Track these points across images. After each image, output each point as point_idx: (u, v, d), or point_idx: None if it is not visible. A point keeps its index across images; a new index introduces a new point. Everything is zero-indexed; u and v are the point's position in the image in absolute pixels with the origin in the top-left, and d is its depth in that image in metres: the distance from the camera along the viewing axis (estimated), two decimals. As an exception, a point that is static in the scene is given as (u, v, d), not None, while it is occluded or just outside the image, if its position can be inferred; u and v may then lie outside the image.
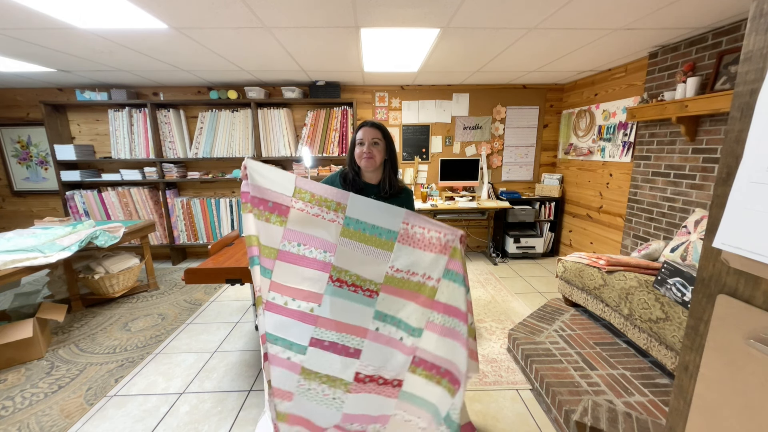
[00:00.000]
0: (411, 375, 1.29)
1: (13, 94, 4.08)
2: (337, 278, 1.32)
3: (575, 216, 4.11)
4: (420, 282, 1.29)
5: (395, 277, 1.30)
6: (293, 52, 2.83)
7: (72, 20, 2.09)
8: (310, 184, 1.31)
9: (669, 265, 1.92)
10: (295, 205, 1.31)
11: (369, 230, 1.30)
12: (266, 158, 4.06)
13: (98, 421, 1.80)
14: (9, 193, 4.35)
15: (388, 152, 1.51)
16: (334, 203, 1.30)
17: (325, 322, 1.33)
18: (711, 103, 2.15)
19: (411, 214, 1.29)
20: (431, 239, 1.27)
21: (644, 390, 1.72)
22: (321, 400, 1.33)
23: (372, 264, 1.31)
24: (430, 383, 1.26)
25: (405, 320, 1.30)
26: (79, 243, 2.64)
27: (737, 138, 0.60)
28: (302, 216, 1.32)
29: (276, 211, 1.33)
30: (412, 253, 1.29)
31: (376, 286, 1.32)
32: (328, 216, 1.30)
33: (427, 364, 1.26)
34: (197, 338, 2.59)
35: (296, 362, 1.33)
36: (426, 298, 1.28)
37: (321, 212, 1.30)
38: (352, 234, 1.30)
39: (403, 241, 1.29)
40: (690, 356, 0.70)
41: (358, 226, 1.30)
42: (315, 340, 1.33)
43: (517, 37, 2.49)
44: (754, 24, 0.58)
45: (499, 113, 4.32)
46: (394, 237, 1.29)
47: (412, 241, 1.29)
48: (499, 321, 2.78)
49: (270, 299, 1.34)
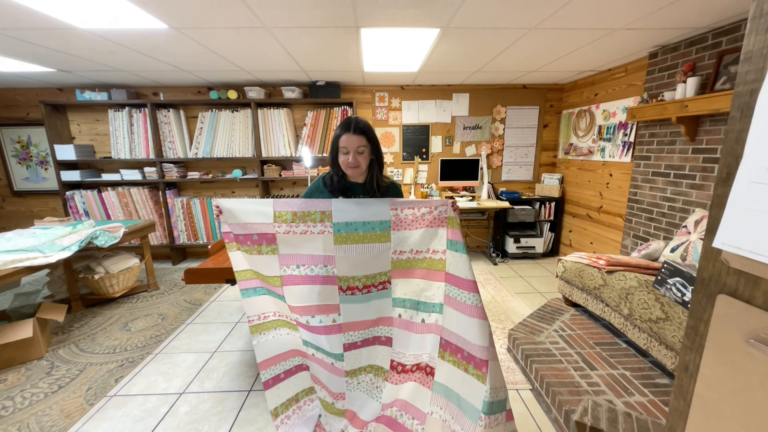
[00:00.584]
0: (441, 361, 1.28)
1: (13, 94, 4.08)
2: (347, 287, 1.32)
3: (575, 216, 4.11)
4: (427, 258, 1.29)
5: (401, 260, 1.31)
6: (293, 52, 2.83)
7: (72, 20, 2.09)
8: (288, 204, 1.29)
9: (669, 265, 1.92)
10: (279, 230, 1.30)
11: (361, 228, 1.28)
12: (266, 158, 4.06)
13: (98, 421, 1.80)
14: (9, 193, 4.35)
15: (374, 153, 1.44)
16: (318, 213, 1.28)
17: (350, 326, 1.34)
18: (711, 103, 2.15)
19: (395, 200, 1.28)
20: (423, 215, 1.27)
21: (644, 390, 1.72)
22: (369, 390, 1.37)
23: (375, 258, 1.30)
24: (458, 371, 1.23)
25: (424, 300, 1.31)
26: (79, 243, 2.64)
27: (737, 138, 0.60)
28: (290, 238, 1.30)
29: (263, 241, 1.31)
30: (409, 235, 1.29)
31: (386, 276, 1.33)
32: (316, 229, 1.29)
33: (452, 347, 1.25)
34: (197, 338, 2.59)
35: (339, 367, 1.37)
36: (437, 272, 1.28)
37: (308, 228, 1.29)
38: (345, 238, 1.28)
39: (397, 226, 1.29)
40: (690, 356, 0.70)
41: (349, 228, 1.28)
42: (348, 344, 1.35)
43: (517, 37, 2.49)
44: (754, 24, 0.58)
45: (499, 113, 4.32)
46: (387, 226, 1.29)
47: (405, 224, 1.29)
48: (499, 321, 2.78)
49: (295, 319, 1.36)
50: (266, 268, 1.34)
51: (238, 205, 1.31)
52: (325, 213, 1.27)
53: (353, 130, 1.36)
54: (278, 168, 4.13)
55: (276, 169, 4.12)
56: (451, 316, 1.24)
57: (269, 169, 4.12)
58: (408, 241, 1.29)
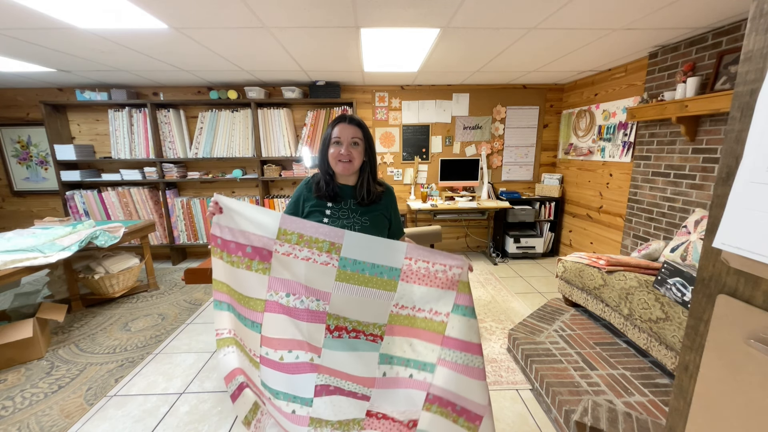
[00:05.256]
0: (426, 413, 1.17)
1: (13, 94, 4.08)
2: (335, 327, 1.18)
3: (575, 216, 4.11)
4: (427, 318, 1.17)
5: (400, 315, 1.17)
6: (293, 52, 2.83)
7: (72, 20, 2.09)
8: (297, 224, 1.15)
9: (669, 265, 1.92)
10: (280, 249, 1.15)
11: (369, 270, 1.15)
12: (266, 158, 4.06)
13: (98, 421, 1.80)
14: (9, 193, 4.35)
15: (368, 154, 1.33)
16: (327, 243, 1.14)
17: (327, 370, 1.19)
18: (711, 103, 2.15)
19: (413, 247, 1.17)
20: (436, 273, 1.15)
21: (644, 390, 1.72)
22: None
23: (374, 306, 1.17)
24: (446, 420, 1.15)
25: (414, 358, 1.18)
26: (79, 243, 2.64)
27: (737, 138, 0.60)
28: (289, 261, 1.16)
29: (257, 256, 1.17)
30: (417, 290, 1.17)
31: (380, 330, 1.18)
32: (320, 259, 1.15)
33: (443, 401, 1.15)
34: (197, 338, 2.59)
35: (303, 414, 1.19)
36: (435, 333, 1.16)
37: (312, 255, 1.15)
38: (349, 277, 1.15)
39: (407, 278, 1.16)
40: (690, 356, 0.70)
41: (356, 266, 1.15)
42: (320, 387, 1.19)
43: (517, 37, 2.49)
44: (754, 24, 0.58)
45: (499, 113, 4.32)
46: (397, 275, 1.16)
47: (416, 278, 1.16)
48: (499, 321, 2.78)
49: (263, 354, 1.20)
50: (250, 288, 1.20)
51: (240, 207, 1.18)
52: (334, 245, 1.14)
53: (348, 121, 1.30)
54: (278, 168, 4.13)
55: (276, 169, 4.12)
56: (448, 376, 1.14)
57: (269, 169, 4.12)
58: (413, 297, 1.17)
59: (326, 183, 1.32)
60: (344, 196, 1.34)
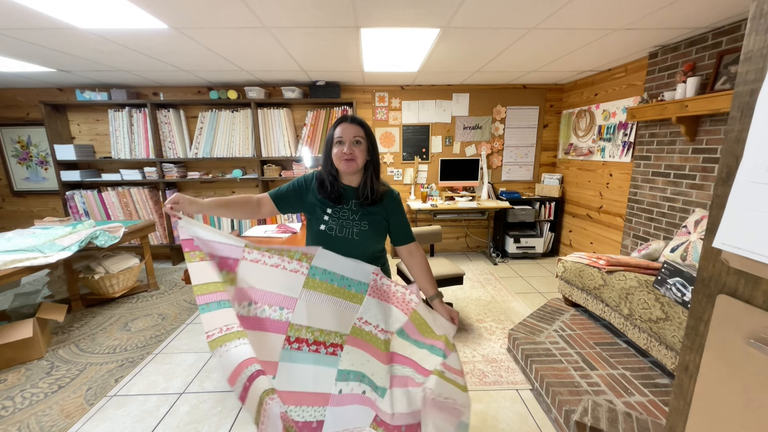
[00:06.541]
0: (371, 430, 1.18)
1: (13, 94, 4.08)
2: (295, 338, 1.16)
3: (575, 216, 4.11)
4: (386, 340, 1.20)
5: (363, 330, 1.20)
6: (293, 52, 2.83)
7: (72, 20, 2.09)
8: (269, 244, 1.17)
9: (669, 265, 1.92)
10: (248, 257, 1.14)
11: (338, 281, 1.18)
12: (266, 158, 4.06)
13: (98, 421, 1.80)
14: (9, 193, 4.34)
15: (370, 153, 1.34)
16: (299, 253, 1.16)
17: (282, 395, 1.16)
18: (711, 103, 2.15)
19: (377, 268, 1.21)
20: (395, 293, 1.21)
21: (644, 390, 1.72)
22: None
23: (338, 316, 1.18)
24: None
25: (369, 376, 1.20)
26: (79, 243, 2.64)
27: (737, 138, 0.60)
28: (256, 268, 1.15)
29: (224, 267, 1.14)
30: (380, 306, 1.21)
31: (341, 339, 1.19)
32: (290, 266, 1.16)
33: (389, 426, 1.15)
34: (197, 338, 2.59)
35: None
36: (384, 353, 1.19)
37: (282, 262, 1.15)
38: (317, 285, 1.16)
39: (373, 294, 1.20)
40: (690, 356, 0.70)
41: (326, 276, 1.17)
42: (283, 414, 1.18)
43: (517, 37, 2.49)
44: (754, 24, 0.58)
45: (499, 113, 4.32)
46: (365, 290, 1.20)
47: (380, 294, 1.21)
48: (499, 321, 2.78)
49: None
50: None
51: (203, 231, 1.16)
52: (306, 255, 1.16)
53: (350, 121, 1.32)
54: (278, 168, 4.13)
55: (276, 169, 4.12)
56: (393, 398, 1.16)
57: (269, 169, 4.12)
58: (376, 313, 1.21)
59: (330, 184, 1.33)
60: (347, 197, 1.34)
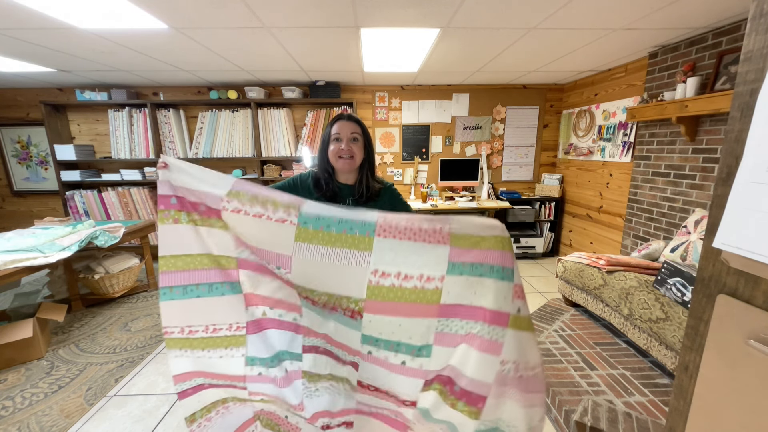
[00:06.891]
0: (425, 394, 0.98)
1: (13, 94, 4.08)
2: (305, 296, 1.01)
3: (575, 216, 4.11)
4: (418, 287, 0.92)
5: (382, 287, 0.93)
6: (293, 52, 2.83)
7: (72, 20, 2.09)
8: (254, 188, 0.98)
9: (669, 265, 1.92)
10: (228, 206, 0.97)
11: (336, 226, 0.94)
12: (266, 158, 4.06)
13: (98, 421, 1.80)
14: (9, 193, 4.34)
15: (366, 150, 1.33)
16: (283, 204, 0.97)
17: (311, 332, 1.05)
18: (711, 103, 2.15)
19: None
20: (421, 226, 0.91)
21: (644, 390, 1.72)
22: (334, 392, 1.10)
23: (346, 274, 0.94)
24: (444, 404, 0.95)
25: (406, 341, 0.95)
26: (79, 243, 2.64)
27: (737, 138, 0.60)
28: (238, 219, 0.98)
29: (214, 215, 1.00)
30: (399, 246, 0.91)
31: (357, 305, 0.95)
32: (275, 215, 0.95)
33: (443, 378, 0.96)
34: (197, 338, 2.59)
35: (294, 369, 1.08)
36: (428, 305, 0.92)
37: (265, 211, 0.96)
38: (311, 236, 0.94)
39: (384, 232, 0.92)
40: (690, 356, 0.70)
41: (320, 222, 0.94)
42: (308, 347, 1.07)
43: (517, 37, 2.49)
44: (754, 24, 0.58)
45: (499, 113, 4.32)
46: (371, 229, 0.92)
47: (395, 231, 0.91)
48: (499, 321, 2.78)
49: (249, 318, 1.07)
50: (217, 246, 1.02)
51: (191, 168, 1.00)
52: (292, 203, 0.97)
53: (347, 119, 1.32)
54: (278, 168, 4.13)
55: (276, 169, 4.12)
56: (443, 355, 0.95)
57: (269, 169, 4.11)
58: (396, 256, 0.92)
59: (326, 182, 1.32)
60: (343, 195, 1.34)
